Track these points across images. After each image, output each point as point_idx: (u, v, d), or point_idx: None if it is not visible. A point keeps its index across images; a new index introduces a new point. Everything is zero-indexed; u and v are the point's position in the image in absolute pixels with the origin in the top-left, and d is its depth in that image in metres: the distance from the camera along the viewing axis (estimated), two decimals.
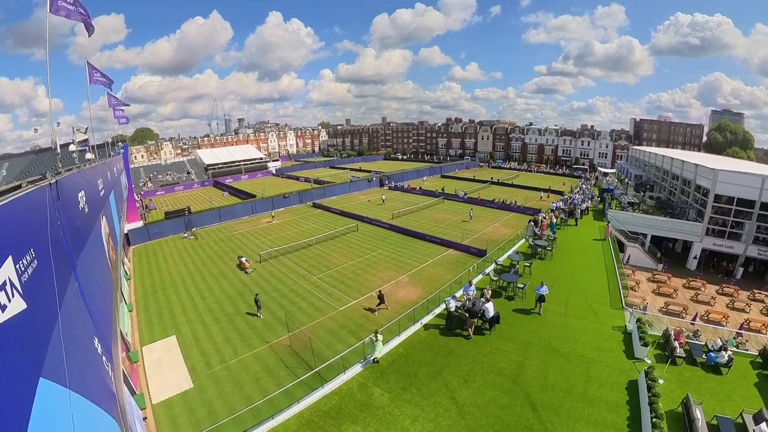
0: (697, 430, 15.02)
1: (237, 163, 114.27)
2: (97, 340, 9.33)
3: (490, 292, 25.48)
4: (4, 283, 4.53)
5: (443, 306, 24.42)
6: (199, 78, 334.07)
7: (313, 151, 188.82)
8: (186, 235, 48.73)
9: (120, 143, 52.08)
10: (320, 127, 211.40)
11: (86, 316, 9.19)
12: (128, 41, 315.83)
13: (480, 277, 30.70)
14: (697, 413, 15.60)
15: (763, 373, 20.05)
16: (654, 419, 15.26)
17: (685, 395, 16.85)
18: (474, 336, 22.11)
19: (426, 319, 24.05)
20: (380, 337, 19.84)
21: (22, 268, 5.28)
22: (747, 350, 22.37)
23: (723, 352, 20.22)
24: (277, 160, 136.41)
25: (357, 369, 19.31)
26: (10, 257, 4.89)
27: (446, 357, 20.37)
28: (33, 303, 5.34)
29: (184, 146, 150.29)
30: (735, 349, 21.90)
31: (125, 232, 42.40)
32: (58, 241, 7.97)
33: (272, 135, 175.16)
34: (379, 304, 26.12)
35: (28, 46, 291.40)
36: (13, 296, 4.72)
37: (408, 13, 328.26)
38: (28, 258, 5.64)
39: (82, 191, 13.28)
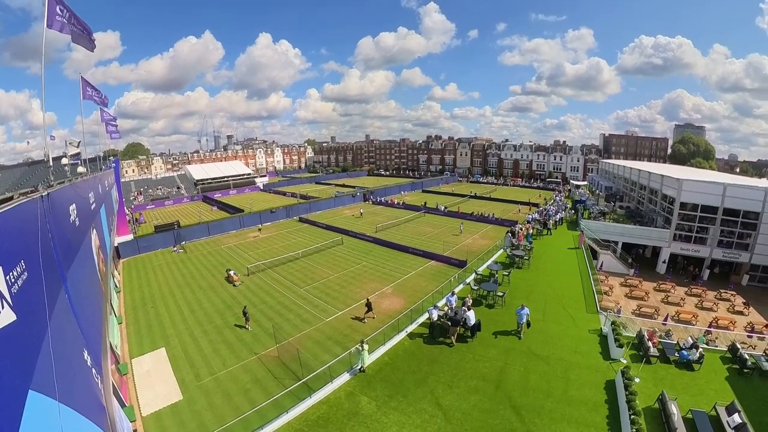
0: (673, 424, 15.27)
1: (226, 179, 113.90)
2: (86, 352, 9.12)
3: (470, 301, 25.62)
4: None
5: (426, 315, 24.46)
6: (191, 95, 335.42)
7: (300, 167, 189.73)
8: (175, 248, 47.90)
9: (112, 158, 51.38)
10: (306, 144, 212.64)
11: (76, 328, 9.00)
12: (123, 58, 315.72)
13: (461, 286, 30.83)
14: (673, 408, 15.94)
15: (733, 368, 20.67)
16: (632, 416, 15.49)
17: (661, 392, 17.20)
18: (457, 343, 22.12)
19: (410, 329, 23.98)
20: (366, 347, 19.68)
21: (12, 280, 5.22)
22: (717, 346, 23.02)
23: (694, 350, 20.77)
24: (265, 176, 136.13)
25: (344, 378, 19.12)
26: (0, 268, 4.84)
27: (430, 365, 20.31)
28: (23, 314, 5.28)
29: (174, 161, 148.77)
30: (705, 346, 22.52)
31: (115, 245, 41.59)
32: (49, 253, 7.86)
33: (260, 152, 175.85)
34: (366, 312, 26.08)
35: (24, 59, 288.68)
36: (3, 308, 4.68)
37: (391, 36, 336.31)
38: (18, 269, 5.57)
39: (74, 204, 13.08)
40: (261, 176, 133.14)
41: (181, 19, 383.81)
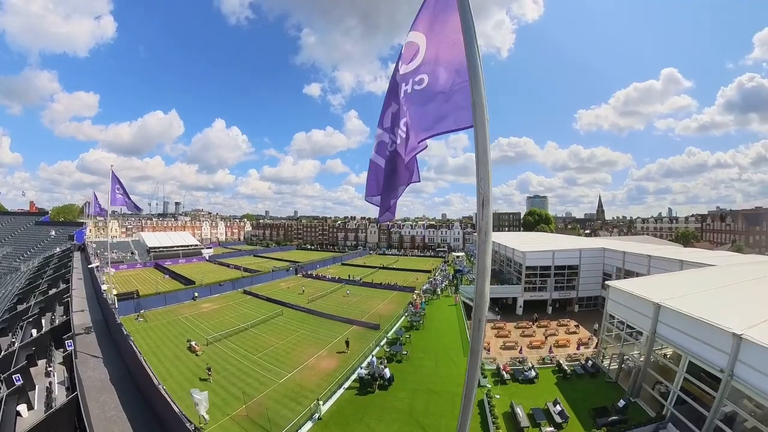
0: (519, 420, 20.85)
1: (176, 248, 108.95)
2: None
3: (386, 360, 29.59)
4: None
5: (357, 373, 27.86)
6: (149, 161, 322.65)
7: (239, 239, 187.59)
8: (137, 317, 45.13)
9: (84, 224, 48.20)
10: (245, 219, 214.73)
11: None
12: (96, 118, 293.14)
13: (377, 348, 33.99)
14: (518, 410, 21.59)
15: (559, 376, 27.56)
16: (493, 420, 20.84)
17: (511, 401, 22.81)
18: (379, 391, 25.60)
19: (347, 384, 26.77)
20: (321, 402, 22.87)
21: None
22: (553, 363, 29.76)
23: (532, 371, 27.16)
24: (210, 248, 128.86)
25: (308, 425, 21.58)
26: None
27: (364, 408, 23.55)
28: None
29: (129, 226, 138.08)
30: (549, 363, 29.56)
31: None
32: None
33: (206, 224, 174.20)
34: (347, 347, 33.39)
35: (9, 97, 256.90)
36: None
37: (321, 133, 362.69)
38: None
39: None
40: (207, 247, 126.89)
41: (155, 94, 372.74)
